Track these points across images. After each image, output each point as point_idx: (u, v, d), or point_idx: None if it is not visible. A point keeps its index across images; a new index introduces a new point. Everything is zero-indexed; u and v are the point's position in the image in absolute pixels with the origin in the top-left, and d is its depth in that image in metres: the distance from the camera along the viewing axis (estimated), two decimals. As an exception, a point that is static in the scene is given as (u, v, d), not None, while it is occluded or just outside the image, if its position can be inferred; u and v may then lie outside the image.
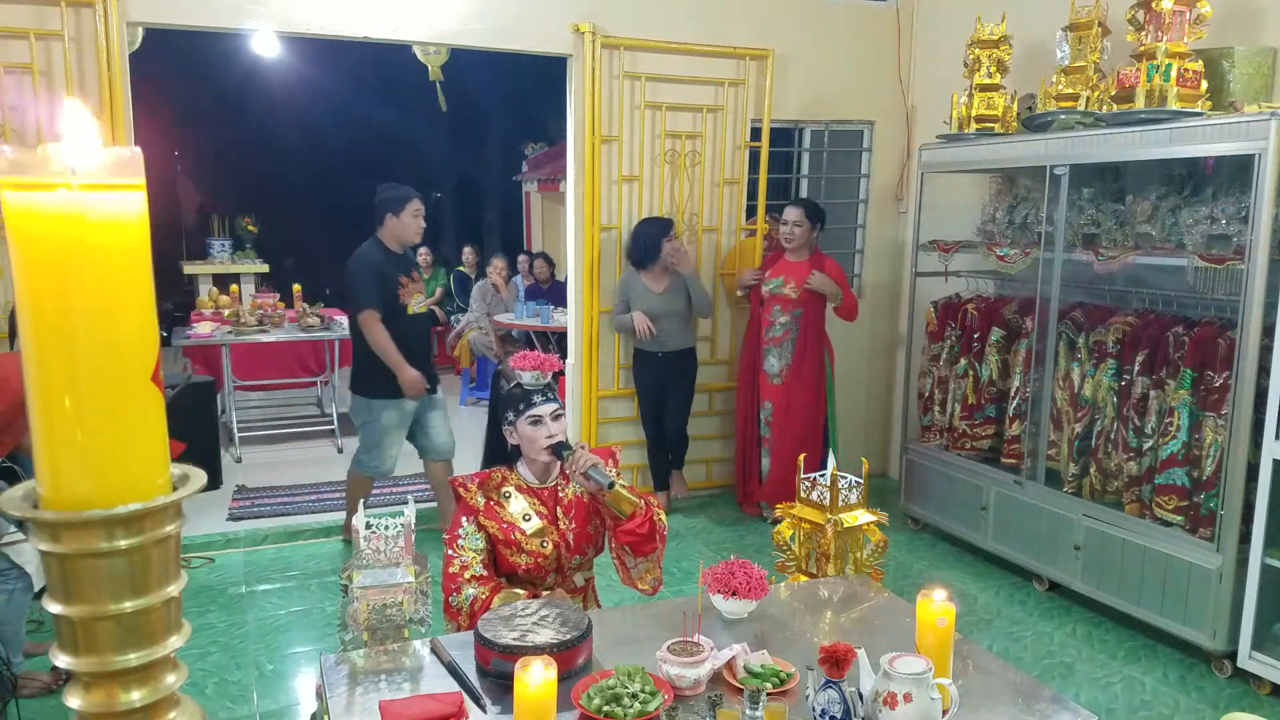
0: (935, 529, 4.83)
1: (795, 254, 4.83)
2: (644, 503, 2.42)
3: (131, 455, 1.26)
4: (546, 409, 2.45)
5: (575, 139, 4.93)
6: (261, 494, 5.28)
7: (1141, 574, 3.63)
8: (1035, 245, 4.16)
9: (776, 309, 4.83)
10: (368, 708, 1.84)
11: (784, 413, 4.85)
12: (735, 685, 1.90)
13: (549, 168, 10.27)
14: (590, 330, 5.08)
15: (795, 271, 4.79)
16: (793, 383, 4.83)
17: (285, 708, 3.19)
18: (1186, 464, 3.48)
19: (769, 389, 4.90)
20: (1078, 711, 1.88)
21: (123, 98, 4.11)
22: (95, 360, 1.21)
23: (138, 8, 4.12)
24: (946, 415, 4.67)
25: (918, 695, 1.68)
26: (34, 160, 1.15)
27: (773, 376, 4.87)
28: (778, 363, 4.85)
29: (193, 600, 3.93)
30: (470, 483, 2.48)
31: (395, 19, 4.49)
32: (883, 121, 5.61)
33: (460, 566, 2.39)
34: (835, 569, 2.76)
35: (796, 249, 4.81)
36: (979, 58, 4.29)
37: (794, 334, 4.81)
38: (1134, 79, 3.57)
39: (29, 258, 1.18)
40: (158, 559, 1.29)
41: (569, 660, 1.92)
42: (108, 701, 1.28)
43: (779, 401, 4.87)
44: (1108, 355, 3.81)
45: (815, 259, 4.81)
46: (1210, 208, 3.54)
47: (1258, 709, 3.18)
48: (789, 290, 4.78)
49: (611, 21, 4.82)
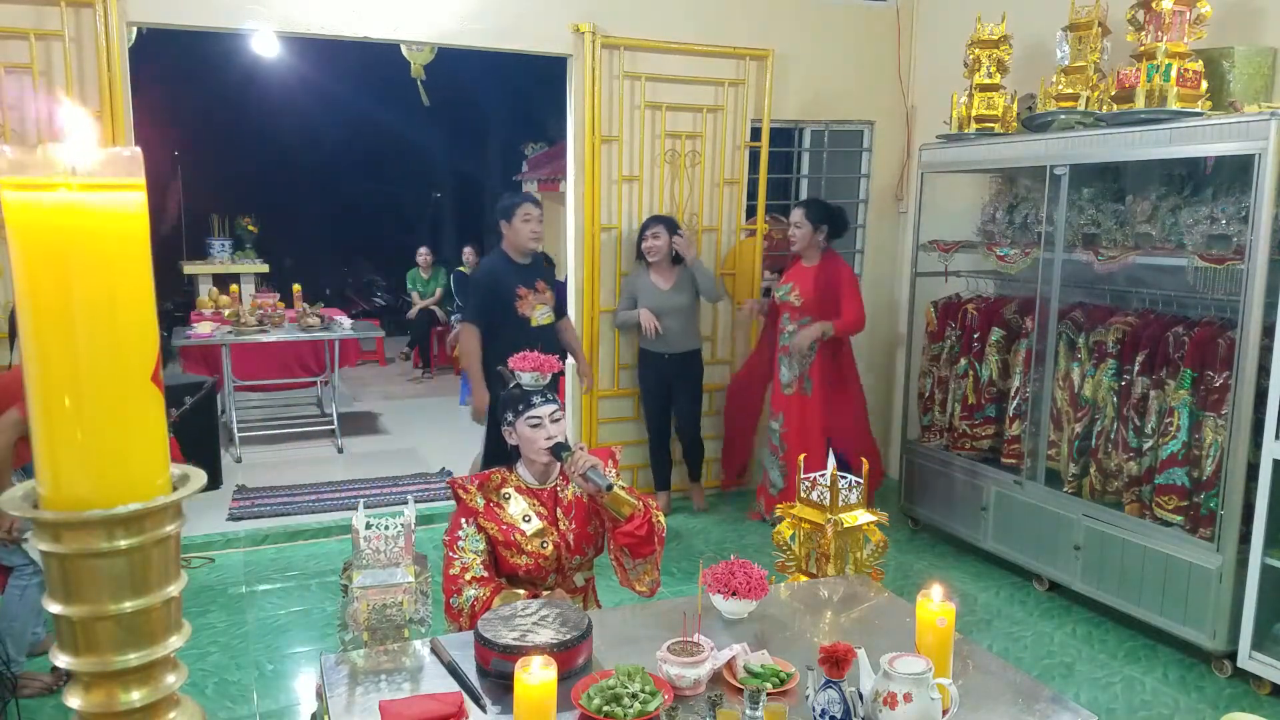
0: (935, 529, 4.83)
1: (806, 258, 4.70)
2: (643, 505, 2.42)
3: (131, 455, 1.26)
4: (545, 410, 2.45)
5: (575, 139, 4.93)
6: (261, 494, 5.28)
7: (1141, 574, 3.63)
8: (1035, 245, 4.16)
9: (785, 317, 4.75)
10: (368, 708, 1.84)
11: (796, 429, 4.68)
12: (735, 685, 1.90)
13: (549, 168, 10.27)
14: (590, 330, 5.08)
15: (802, 278, 4.68)
16: (805, 396, 4.68)
17: (285, 708, 3.20)
18: (1186, 464, 3.48)
19: (780, 399, 4.81)
20: (1078, 711, 1.88)
21: (123, 98, 4.11)
22: (95, 360, 1.21)
23: (138, 8, 4.12)
24: (946, 415, 4.67)
25: (918, 695, 1.68)
26: (34, 160, 1.15)
27: (784, 386, 4.77)
28: (788, 373, 4.74)
29: (193, 600, 3.93)
30: (470, 484, 2.48)
31: (395, 19, 4.49)
32: (883, 121, 5.61)
33: (461, 568, 2.39)
34: (835, 569, 2.76)
35: (803, 251, 4.69)
36: (979, 58, 4.29)
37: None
38: (1134, 79, 3.57)
39: (29, 257, 1.18)
40: (158, 559, 1.29)
41: (569, 660, 1.92)
42: (108, 701, 1.28)
43: (791, 414, 4.73)
44: (1108, 355, 3.81)
45: (826, 264, 4.64)
46: (1210, 208, 3.54)
47: (1258, 709, 3.18)
48: (794, 298, 4.67)
49: (611, 21, 4.82)
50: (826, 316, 4.57)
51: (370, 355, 9.58)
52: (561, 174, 8.03)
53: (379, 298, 12.05)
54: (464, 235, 11.21)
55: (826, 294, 4.57)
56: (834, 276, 4.59)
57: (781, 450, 4.79)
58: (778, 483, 4.84)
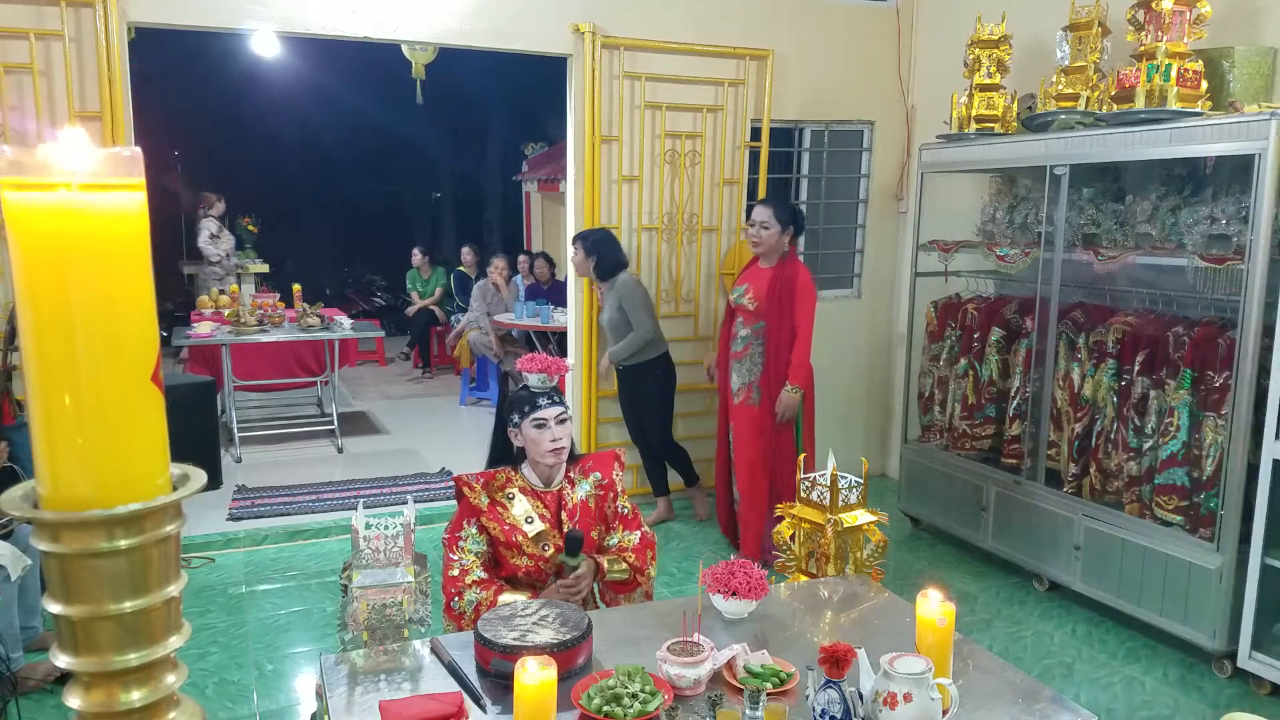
0: (935, 529, 4.83)
1: (765, 259, 4.31)
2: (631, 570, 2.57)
3: (131, 455, 1.26)
4: (551, 412, 2.46)
5: (575, 139, 4.93)
6: (261, 494, 5.28)
7: (1141, 574, 3.63)
8: (1035, 245, 4.16)
9: (739, 321, 4.36)
10: (368, 708, 1.84)
11: (742, 440, 4.36)
12: (735, 685, 1.90)
13: (549, 168, 10.28)
14: (590, 331, 5.08)
15: (758, 280, 4.29)
16: (750, 405, 4.31)
17: (285, 708, 3.20)
18: (1186, 464, 3.48)
19: (729, 408, 4.46)
20: (1078, 711, 1.88)
21: (123, 98, 4.11)
22: (95, 360, 1.21)
23: (138, 8, 4.12)
24: (946, 415, 4.67)
25: (918, 695, 1.68)
26: (34, 160, 1.15)
27: (733, 394, 4.40)
28: (738, 380, 4.36)
29: (193, 600, 3.93)
30: (475, 482, 2.48)
31: (395, 19, 4.49)
32: (883, 121, 5.61)
33: (461, 571, 2.40)
34: (835, 569, 2.76)
35: (765, 254, 4.28)
36: (979, 58, 4.29)
37: (756, 350, 4.29)
38: (1134, 79, 3.57)
39: (29, 258, 1.18)
40: (158, 559, 1.29)
41: (569, 660, 1.93)
42: (108, 701, 1.28)
43: (740, 424, 4.38)
44: (1108, 355, 3.81)
45: (785, 267, 4.24)
46: (1210, 208, 3.54)
47: (1258, 709, 3.17)
48: (747, 301, 4.30)
49: (611, 21, 4.82)
50: (780, 322, 4.22)
51: (370, 355, 9.58)
52: (561, 174, 8.04)
53: (379, 298, 12.06)
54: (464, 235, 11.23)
55: (784, 299, 4.21)
56: (791, 282, 4.21)
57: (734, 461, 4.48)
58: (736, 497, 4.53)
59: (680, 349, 5.03)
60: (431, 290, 9.47)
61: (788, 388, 4.22)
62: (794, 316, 4.22)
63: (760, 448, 4.30)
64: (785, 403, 4.23)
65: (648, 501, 4.99)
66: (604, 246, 4.70)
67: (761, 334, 4.29)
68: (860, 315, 5.74)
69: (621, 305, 4.66)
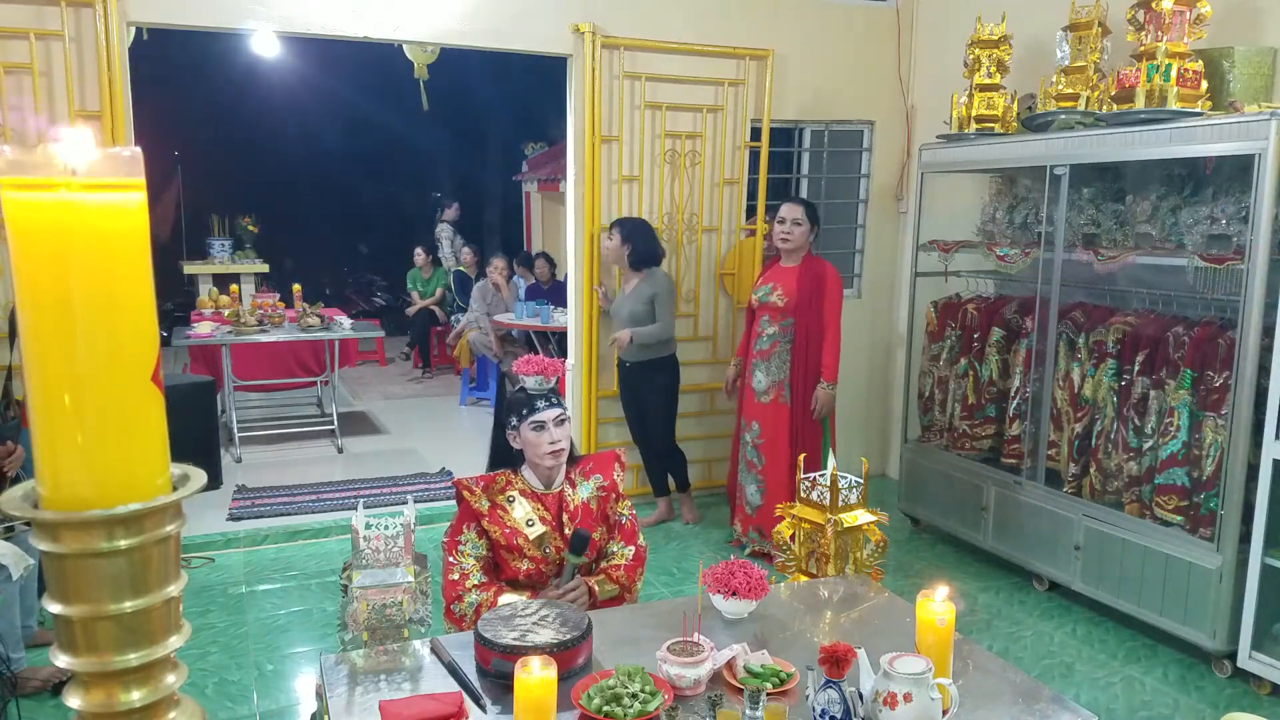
0: (935, 529, 4.83)
1: (790, 257, 4.41)
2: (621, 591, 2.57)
3: (131, 455, 1.26)
4: (549, 414, 2.46)
5: (575, 139, 4.93)
6: (261, 494, 5.28)
7: (1141, 574, 3.63)
8: (1035, 245, 4.16)
9: (765, 319, 4.42)
10: (368, 708, 1.84)
11: (774, 439, 4.39)
12: (735, 685, 1.90)
13: (549, 168, 10.27)
14: (590, 331, 5.08)
15: (785, 278, 4.38)
16: (782, 404, 4.37)
17: (285, 708, 3.20)
18: (1186, 464, 3.48)
19: (754, 408, 4.46)
20: (1078, 711, 1.88)
21: (123, 98, 4.11)
22: (95, 360, 1.21)
23: (138, 8, 4.12)
24: (946, 415, 4.67)
25: (918, 695, 1.68)
26: (34, 160, 1.15)
27: (759, 394, 4.42)
28: (765, 379, 4.40)
29: (193, 600, 3.93)
30: (475, 485, 2.48)
31: (395, 19, 4.49)
32: (883, 121, 5.61)
33: (461, 574, 2.40)
34: (835, 569, 2.76)
35: (793, 251, 4.40)
36: (979, 58, 4.29)
37: (784, 348, 4.37)
38: (1134, 79, 3.57)
39: (29, 257, 1.18)
40: (158, 559, 1.29)
41: (569, 660, 1.93)
42: (108, 701, 1.28)
43: (767, 423, 4.41)
44: (1108, 355, 3.81)
45: (811, 265, 4.37)
46: (1210, 208, 3.54)
47: (1258, 709, 3.18)
48: (776, 298, 4.36)
49: (611, 21, 4.82)
50: (811, 319, 4.32)
51: (370, 355, 9.58)
52: (561, 174, 8.04)
53: (379, 298, 12.06)
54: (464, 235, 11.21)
55: (814, 296, 4.31)
56: (820, 279, 4.32)
57: (759, 463, 4.47)
58: (754, 500, 4.50)
59: (680, 349, 5.02)
60: (432, 290, 9.48)
61: (823, 384, 4.33)
62: (823, 313, 4.33)
63: (799, 446, 4.28)
64: (822, 399, 4.35)
65: (648, 501, 4.99)
66: (640, 235, 4.73)
67: (790, 331, 4.38)
68: (860, 315, 5.74)
69: (654, 298, 4.68)
